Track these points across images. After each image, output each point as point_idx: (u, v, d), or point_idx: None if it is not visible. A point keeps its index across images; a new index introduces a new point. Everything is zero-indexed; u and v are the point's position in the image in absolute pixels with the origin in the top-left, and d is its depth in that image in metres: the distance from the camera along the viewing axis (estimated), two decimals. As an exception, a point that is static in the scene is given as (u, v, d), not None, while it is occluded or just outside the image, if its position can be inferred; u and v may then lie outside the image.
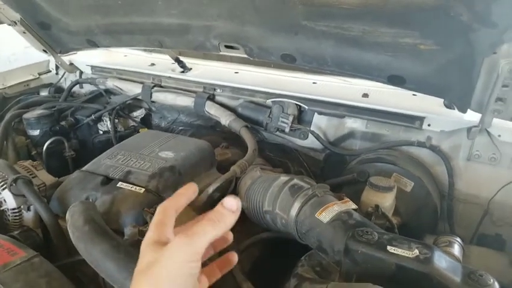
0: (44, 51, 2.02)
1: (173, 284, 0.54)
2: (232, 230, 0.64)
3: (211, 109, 1.73)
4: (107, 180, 1.22)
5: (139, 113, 2.01)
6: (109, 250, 0.85)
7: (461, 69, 1.16)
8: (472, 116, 1.34)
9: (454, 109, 1.37)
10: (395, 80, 1.32)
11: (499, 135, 1.37)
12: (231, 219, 0.59)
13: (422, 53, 1.16)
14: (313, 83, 1.74)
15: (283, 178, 1.19)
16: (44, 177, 1.35)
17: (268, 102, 1.68)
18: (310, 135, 1.62)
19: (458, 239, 1.05)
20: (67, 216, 0.99)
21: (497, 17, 0.92)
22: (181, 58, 1.97)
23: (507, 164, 1.41)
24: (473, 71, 1.12)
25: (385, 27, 1.14)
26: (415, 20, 1.07)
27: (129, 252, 0.86)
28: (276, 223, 1.15)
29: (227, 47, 1.52)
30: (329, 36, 1.25)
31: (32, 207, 1.23)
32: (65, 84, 2.22)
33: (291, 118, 1.61)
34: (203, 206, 1.22)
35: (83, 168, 1.31)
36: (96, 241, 0.88)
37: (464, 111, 1.30)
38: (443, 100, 1.42)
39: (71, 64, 2.15)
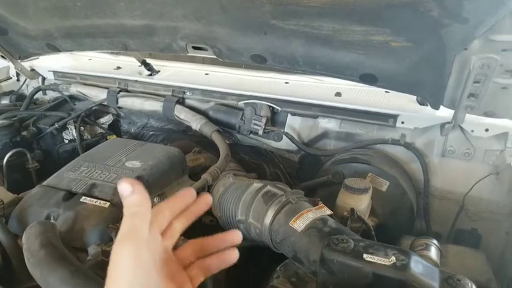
0: (3, 57, 1.91)
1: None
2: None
3: (181, 113, 1.67)
4: (70, 195, 1.14)
5: (106, 119, 1.91)
6: (67, 276, 0.78)
7: (433, 66, 1.14)
8: (445, 112, 1.33)
9: (427, 106, 1.35)
10: (367, 78, 1.29)
11: (472, 131, 1.37)
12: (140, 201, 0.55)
13: (393, 50, 1.14)
14: (286, 82, 1.70)
15: (256, 185, 1.14)
16: (2, 194, 1.25)
17: (240, 104, 1.63)
18: (284, 136, 1.58)
19: (435, 241, 1.03)
20: (23, 239, 0.92)
21: (468, 12, 0.90)
22: (150, 60, 1.90)
23: (481, 159, 1.41)
24: (445, 68, 1.10)
25: (355, 25, 1.10)
26: (385, 16, 1.04)
27: (89, 276, 0.79)
28: (250, 232, 1.11)
29: (195, 48, 1.47)
30: (298, 35, 1.22)
31: (-11, 228, 1.14)
32: (27, 91, 2.11)
33: (264, 120, 1.57)
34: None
35: (44, 183, 1.23)
36: (53, 267, 0.81)
37: (436, 107, 1.29)
38: (415, 97, 1.40)
39: (33, 70, 2.04)
